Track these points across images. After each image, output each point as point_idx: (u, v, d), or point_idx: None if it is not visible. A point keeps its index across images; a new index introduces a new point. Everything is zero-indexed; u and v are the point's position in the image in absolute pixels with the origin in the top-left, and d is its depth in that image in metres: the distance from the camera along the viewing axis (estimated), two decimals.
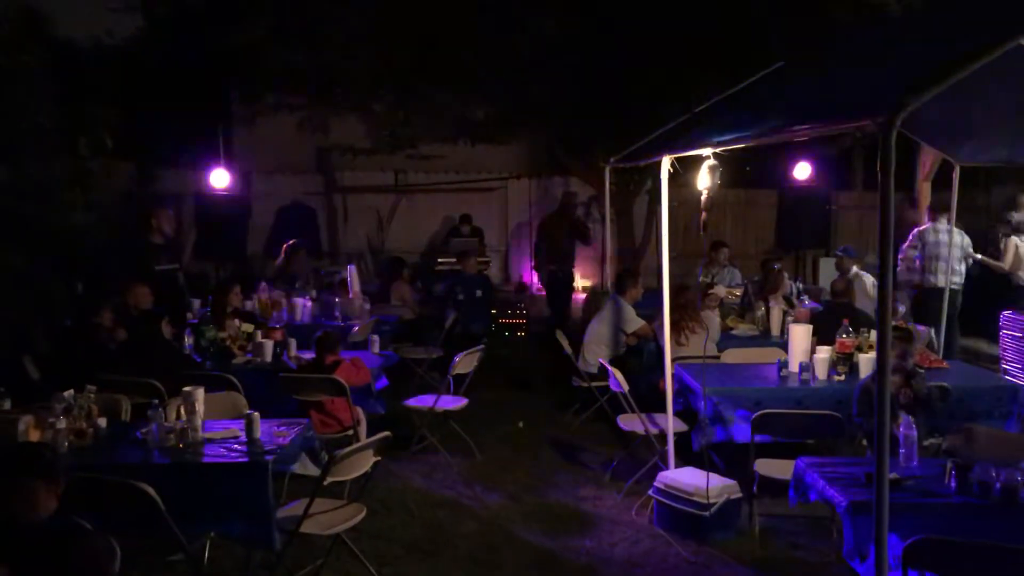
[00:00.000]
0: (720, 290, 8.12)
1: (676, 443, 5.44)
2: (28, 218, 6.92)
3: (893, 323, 3.26)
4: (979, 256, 8.65)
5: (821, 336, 5.80)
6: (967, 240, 8.40)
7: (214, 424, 4.50)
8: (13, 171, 6.90)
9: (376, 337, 7.03)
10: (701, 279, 8.62)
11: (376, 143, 12.37)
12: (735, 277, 9.31)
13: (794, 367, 5.64)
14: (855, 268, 7.92)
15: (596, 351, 7.08)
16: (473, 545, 4.93)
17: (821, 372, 5.55)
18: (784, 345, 6.15)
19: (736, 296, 8.41)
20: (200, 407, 4.32)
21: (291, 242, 9.43)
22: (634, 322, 7.19)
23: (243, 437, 4.26)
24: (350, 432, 5.59)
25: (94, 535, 2.92)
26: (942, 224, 8.18)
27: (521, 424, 7.25)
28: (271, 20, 9.82)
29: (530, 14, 9.14)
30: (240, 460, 4.04)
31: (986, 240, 9.52)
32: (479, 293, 9.07)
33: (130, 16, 15.39)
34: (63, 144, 7.26)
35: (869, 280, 7.73)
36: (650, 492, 5.23)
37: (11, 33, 6.70)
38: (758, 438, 4.83)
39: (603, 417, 6.74)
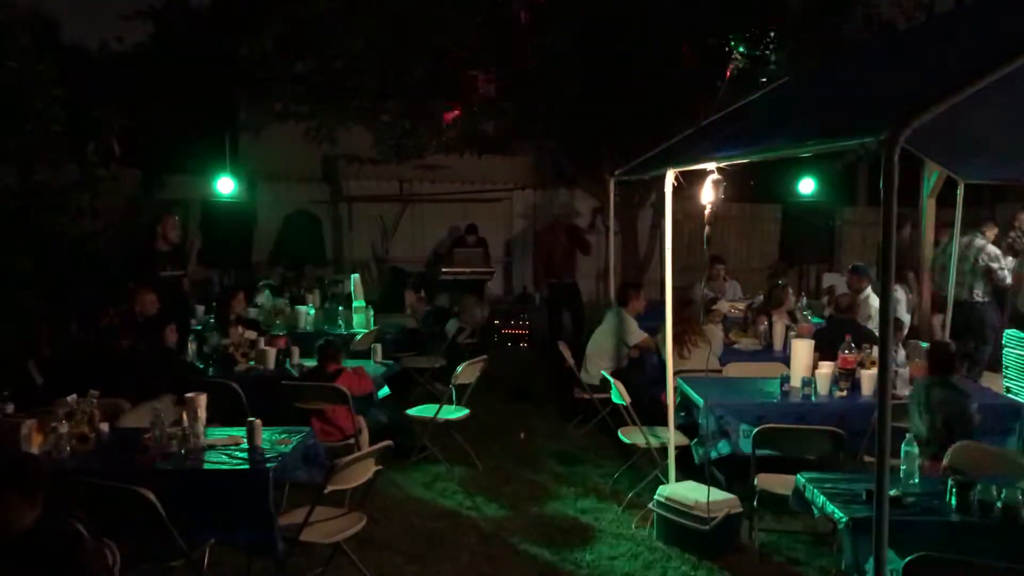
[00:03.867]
0: (723, 304, 8.11)
1: (677, 457, 5.43)
2: (36, 223, 6.96)
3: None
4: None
5: (823, 351, 5.79)
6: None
7: (216, 431, 4.50)
8: (22, 176, 6.95)
9: (379, 346, 7.04)
10: (703, 292, 8.58)
11: (380, 153, 12.39)
12: (736, 291, 9.29)
13: (796, 382, 5.63)
14: (868, 289, 7.62)
15: (598, 363, 7.07)
16: (473, 556, 4.93)
17: (823, 387, 5.53)
18: (786, 360, 6.14)
19: (739, 310, 8.40)
20: (202, 413, 4.34)
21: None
22: (636, 335, 7.19)
23: (245, 444, 4.28)
24: (351, 441, 5.60)
25: (92, 540, 2.91)
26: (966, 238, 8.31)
27: (523, 435, 7.26)
28: (280, 29, 9.88)
29: (537, 29, 9.19)
30: (241, 467, 4.05)
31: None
32: None
33: (140, 23, 15.50)
34: (72, 150, 7.30)
35: (877, 303, 7.59)
36: (651, 506, 5.23)
37: (26, 41, 6.75)
38: (759, 453, 4.83)
39: (605, 429, 6.74)
